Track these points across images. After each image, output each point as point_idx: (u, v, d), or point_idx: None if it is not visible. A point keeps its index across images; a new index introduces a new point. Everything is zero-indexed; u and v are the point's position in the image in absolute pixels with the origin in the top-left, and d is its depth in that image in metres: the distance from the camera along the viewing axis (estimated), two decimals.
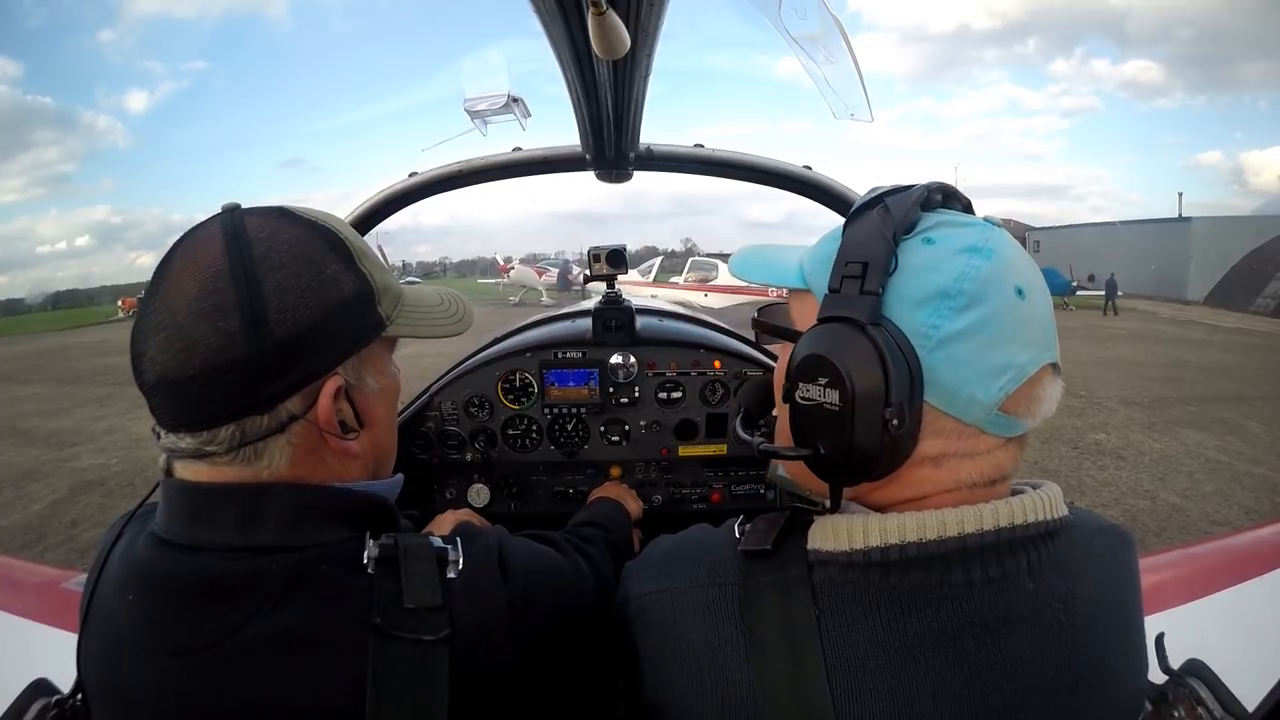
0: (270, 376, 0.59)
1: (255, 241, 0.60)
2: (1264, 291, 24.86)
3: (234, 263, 0.58)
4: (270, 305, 0.58)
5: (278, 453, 0.61)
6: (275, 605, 0.57)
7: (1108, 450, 6.23)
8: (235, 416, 0.59)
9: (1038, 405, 0.58)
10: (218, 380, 0.57)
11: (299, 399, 0.61)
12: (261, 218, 0.62)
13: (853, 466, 0.56)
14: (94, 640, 0.63)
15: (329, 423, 0.62)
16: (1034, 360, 0.56)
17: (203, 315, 0.57)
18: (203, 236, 0.61)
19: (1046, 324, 0.58)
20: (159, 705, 0.58)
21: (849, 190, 1.47)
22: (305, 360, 0.60)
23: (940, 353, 0.54)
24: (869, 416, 0.53)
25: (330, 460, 0.65)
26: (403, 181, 1.47)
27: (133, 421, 7.84)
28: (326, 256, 0.63)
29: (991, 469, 0.58)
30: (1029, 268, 0.58)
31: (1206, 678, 0.73)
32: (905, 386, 0.53)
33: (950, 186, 0.64)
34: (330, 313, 0.61)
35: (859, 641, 0.54)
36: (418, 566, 0.61)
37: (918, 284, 0.55)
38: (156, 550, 0.60)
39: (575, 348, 1.57)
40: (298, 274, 0.60)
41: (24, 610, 1.40)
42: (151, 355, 0.58)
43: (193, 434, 0.59)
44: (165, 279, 0.60)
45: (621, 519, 1.19)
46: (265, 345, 0.57)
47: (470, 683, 0.60)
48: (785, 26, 0.95)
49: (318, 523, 0.61)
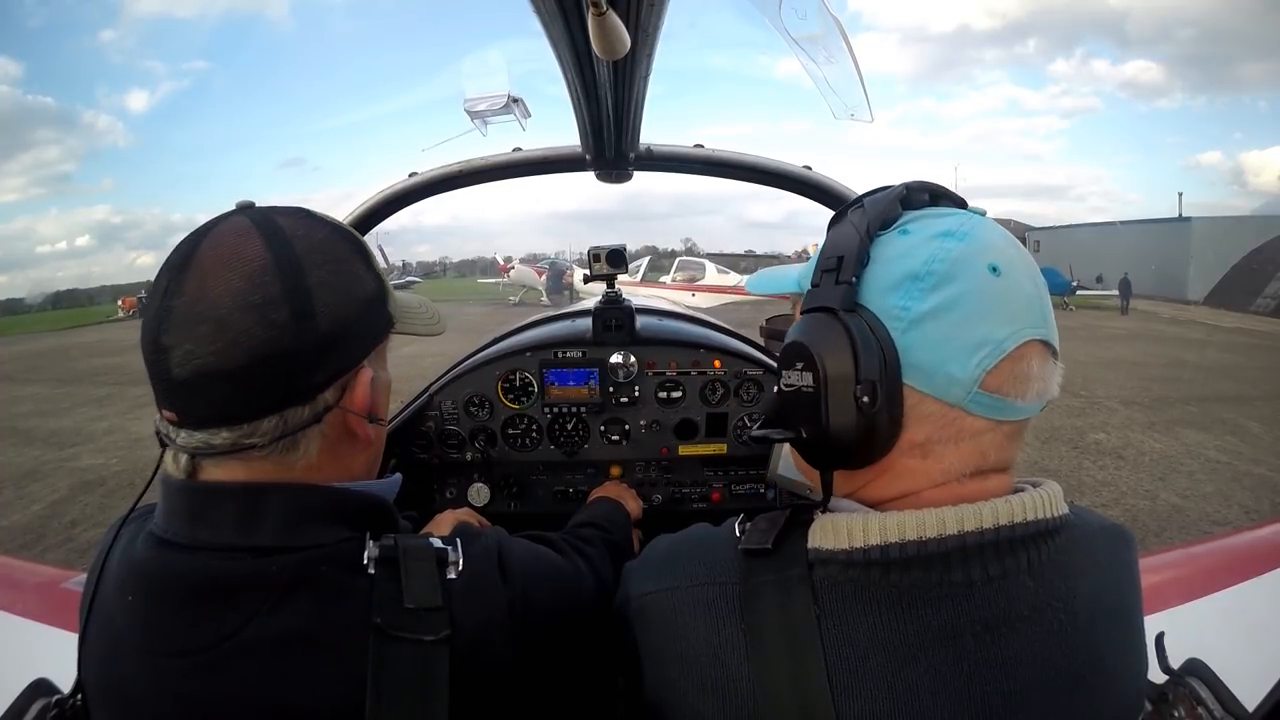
0: (313, 368, 0.61)
1: (294, 239, 0.62)
2: (1264, 291, 24.87)
3: (278, 258, 0.60)
4: (316, 299, 0.61)
5: (312, 444, 0.63)
6: (275, 606, 0.57)
7: (1107, 450, 6.23)
8: (278, 407, 0.60)
9: (1026, 384, 0.56)
10: (265, 372, 0.58)
11: (334, 390, 0.63)
12: (292, 217, 0.64)
13: (832, 448, 0.58)
14: (93, 641, 0.63)
15: (365, 410, 0.65)
16: (1014, 335, 0.55)
17: (251, 307, 0.57)
18: (233, 232, 0.61)
19: (1031, 301, 0.56)
20: (158, 706, 0.58)
21: (849, 190, 1.47)
22: (343, 352, 0.64)
23: (913, 333, 0.55)
24: (840, 396, 0.56)
25: (348, 452, 0.67)
26: (403, 181, 1.48)
27: (133, 421, 7.84)
28: (353, 257, 0.66)
29: (977, 455, 0.57)
30: (1010, 249, 0.58)
31: (1206, 677, 0.73)
32: (875, 365, 0.55)
33: (940, 186, 0.65)
34: (361, 309, 0.65)
35: (859, 640, 0.54)
36: (418, 567, 0.61)
37: (890, 271, 0.57)
38: (155, 550, 0.60)
39: (575, 347, 1.57)
40: (336, 271, 0.63)
41: (24, 610, 1.40)
42: (188, 349, 0.57)
43: (231, 428, 0.59)
44: (193, 273, 0.59)
45: (621, 519, 1.19)
46: (311, 338, 0.60)
47: (470, 683, 0.60)
48: (785, 27, 0.96)
49: (317, 523, 0.61)
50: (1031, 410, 0.57)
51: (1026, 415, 0.58)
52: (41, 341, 19.97)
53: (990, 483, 0.58)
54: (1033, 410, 0.58)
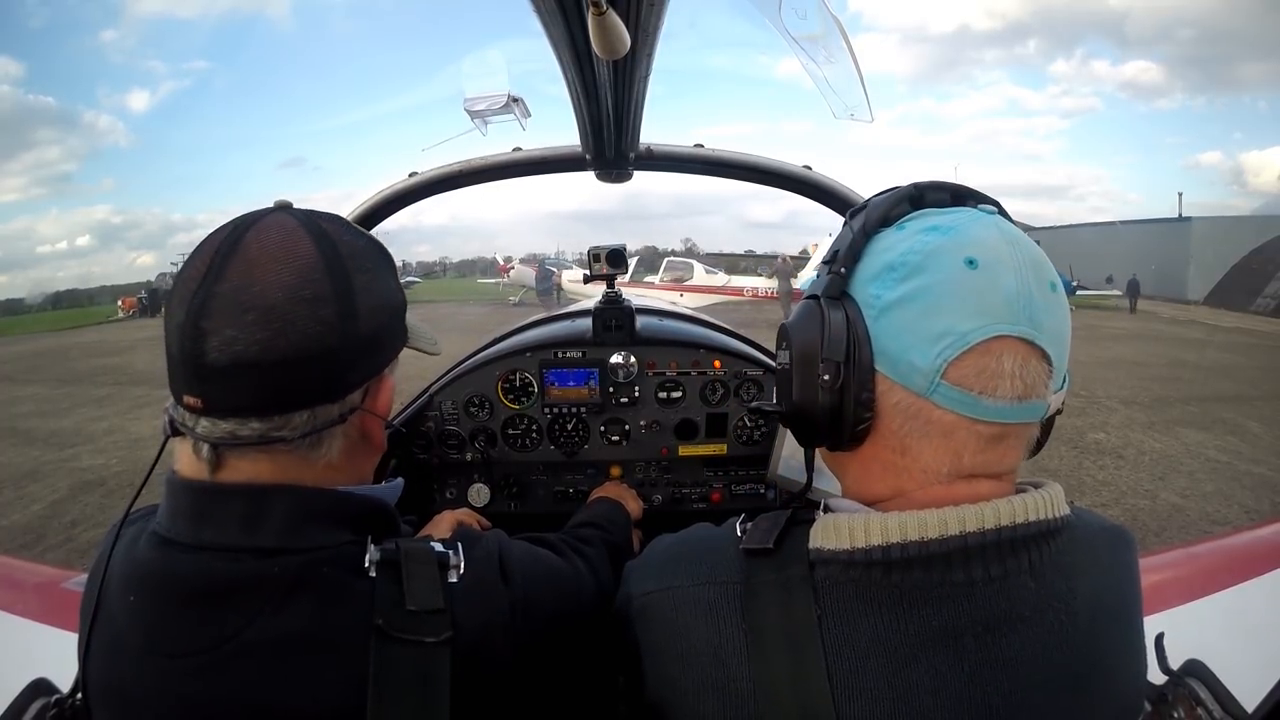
0: (349, 368, 0.63)
1: (339, 243, 0.63)
2: (1264, 291, 24.89)
3: (327, 258, 0.61)
4: (359, 302, 0.62)
5: (335, 443, 0.64)
6: (277, 608, 0.57)
7: (1107, 450, 6.23)
8: (311, 403, 0.61)
9: (995, 380, 0.54)
10: (306, 366, 0.59)
11: (359, 392, 0.65)
12: (333, 223, 0.66)
13: (805, 422, 0.61)
14: (96, 641, 0.63)
15: (386, 413, 0.68)
16: (980, 329, 0.54)
17: (302, 301, 0.58)
18: (281, 227, 0.62)
19: (1011, 298, 0.54)
20: (159, 707, 0.58)
21: (849, 190, 1.47)
22: (375, 356, 0.66)
23: (883, 320, 0.57)
24: (806, 373, 0.59)
25: (362, 455, 0.69)
26: (403, 181, 1.47)
27: (132, 422, 7.84)
28: (386, 268, 0.69)
29: (950, 454, 0.56)
30: (1001, 246, 0.56)
31: (1206, 678, 0.73)
32: (841, 347, 0.57)
33: (964, 187, 0.64)
34: (392, 316, 0.68)
35: (860, 640, 0.54)
36: (419, 570, 0.62)
37: (874, 262, 0.60)
38: (158, 550, 0.60)
39: (575, 347, 1.57)
40: (375, 278, 0.66)
41: (24, 610, 1.40)
42: (230, 334, 0.56)
43: (263, 419, 0.59)
44: (239, 262, 0.59)
45: (621, 519, 1.19)
46: (352, 338, 0.62)
47: (471, 685, 0.61)
48: (785, 27, 0.95)
49: (320, 526, 0.61)
50: (1008, 412, 0.55)
51: (1004, 418, 0.55)
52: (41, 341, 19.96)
53: (981, 487, 0.57)
54: (1010, 412, 0.55)
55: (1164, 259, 29.04)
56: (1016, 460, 0.60)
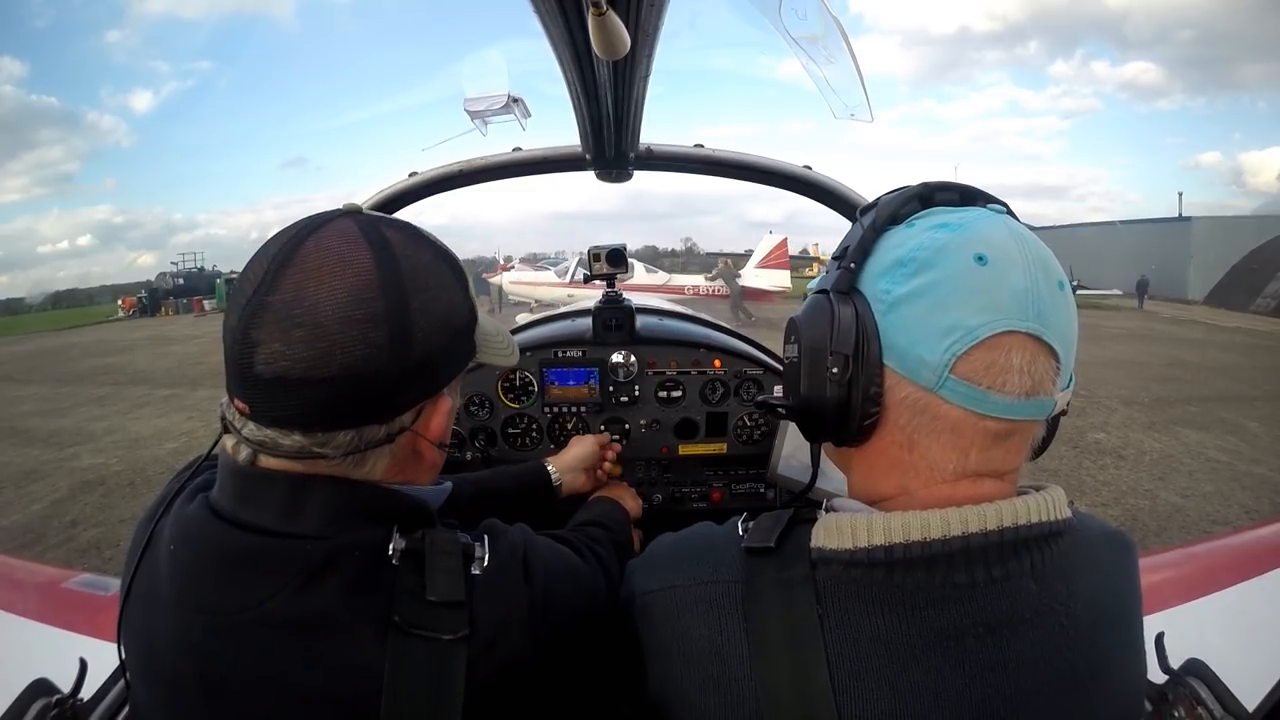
0: (399, 391, 0.61)
1: (401, 257, 0.61)
2: (1264, 291, 24.87)
3: (385, 276, 0.59)
4: (415, 324, 0.60)
5: (380, 461, 0.63)
6: (302, 586, 0.57)
7: (1107, 449, 6.23)
8: (358, 424, 0.60)
9: (1004, 375, 0.54)
10: (352, 388, 0.57)
11: (412, 413, 0.64)
12: (400, 232, 0.63)
13: (812, 416, 0.61)
14: (137, 582, 0.64)
15: (439, 437, 0.66)
16: (988, 324, 0.54)
17: (352, 322, 0.56)
18: (341, 236, 0.59)
19: (1020, 295, 0.54)
20: (177, 659, 0.59)
21: (849, 190, 1.47)
22: (429, 379, 0.64)
23: (891, 315, 0.58)
24: (815, 366, 0.60)
25: (412, 469, 0.67)
26: (403, 181, 1.47)
27: (133, 421, 7.84)
28: (454, 284, 0.66)
29: (958, 451, 0.57)
30: (1010, 244, 0.56)
31: (1206, 677, 0.73)
32: (849, 340, 0.58)
33: (973, 188, 0.64)
34: (453, 338, 0.65)
35: (861, 640, 0.54)
36: (443, 561, 0.62)
37: (883, 258, 0.60)
38: (204, 512, 0.62)
39: (575, 346, 1.57)
40: (436, 298, 0.63)
41: (24, 610, 1.41)
42: (278, 349, 0.56)
43: (306, 433, 0.59)
44: (294, 272, 0.57)
45: (622, 518, 1.19)
46: (404, 362, 0.59)
47: (487, 682, 0.61)
48: (785, 27, 0.95)
49: (359, 519, 0.61)
50: (1015, 408, 0.55)
51: (1011, 414, 0.55)
52: (42, 341, 19.97)
53: (985, 487, 0.58)
54: (1018, 408, 0.55)
55: (1164, 259, 29.02)
56: (1020, 460, 0.60)
